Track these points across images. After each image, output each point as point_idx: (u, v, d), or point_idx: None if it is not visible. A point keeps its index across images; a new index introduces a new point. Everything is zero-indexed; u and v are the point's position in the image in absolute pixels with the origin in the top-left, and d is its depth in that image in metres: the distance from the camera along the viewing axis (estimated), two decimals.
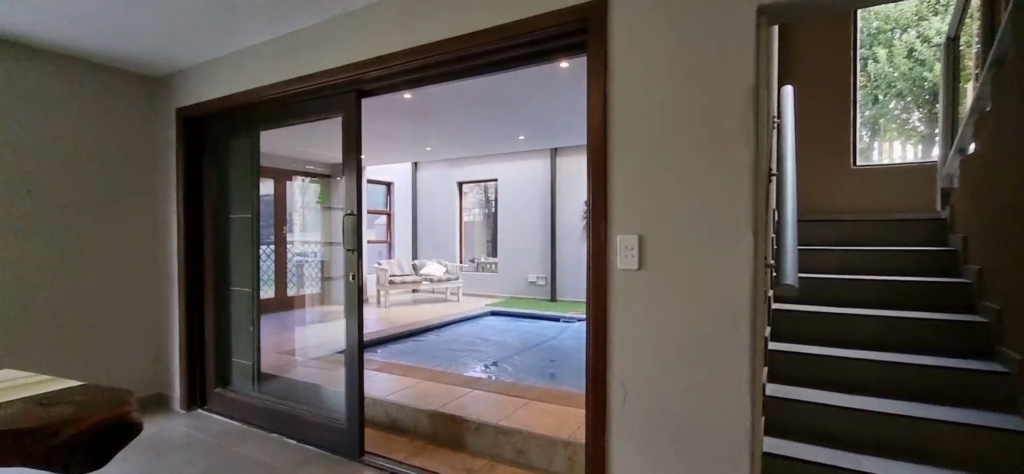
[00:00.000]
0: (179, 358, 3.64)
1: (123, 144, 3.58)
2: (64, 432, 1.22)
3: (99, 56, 3.31)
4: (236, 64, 3.25)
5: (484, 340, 6.16)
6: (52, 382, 1.57)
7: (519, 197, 9.10)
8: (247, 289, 3.52)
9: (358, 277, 2.84)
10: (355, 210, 2.82)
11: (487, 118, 6.19)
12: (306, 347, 5.44)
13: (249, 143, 3.44)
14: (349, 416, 2.93)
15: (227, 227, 3.59)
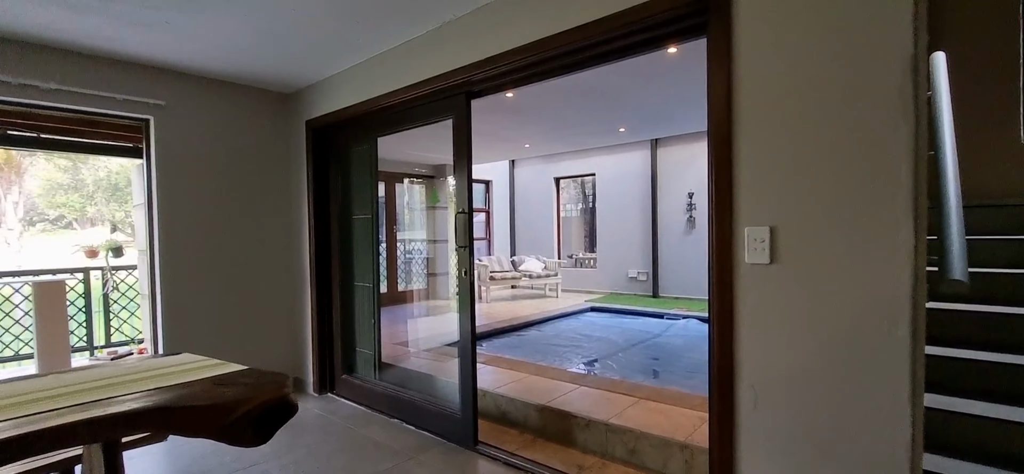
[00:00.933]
0: (311, 347, 4.02)
1: (261, 155, 4.01)
2: (238, 410, 1.39)
3: (240, 77, 3.73)
4: (355, 77, 3.50)
5: (585, 336, 6.10)
6: (222, 365, 1.80)
7: (618, 191, 8.90)
8: (368, 284, 3.79)
9: (470, 273, 2.94)
10: (467, 208, 2.92)
11: (587, 112, 6.12)
12: (418, 339, 5.75)
13: (368, 149, 3.70)
14: (463, 406, 3.04)
15: (350, 227, 3.89)
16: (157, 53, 3.18)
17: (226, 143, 3.80)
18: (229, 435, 1.41)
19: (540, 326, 6.57)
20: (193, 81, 3.61)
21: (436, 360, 4.72)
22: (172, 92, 3.50)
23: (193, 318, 3.64)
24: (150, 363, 1.83)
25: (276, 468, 2.83)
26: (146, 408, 1.32)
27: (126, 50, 3.12)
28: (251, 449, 3.06)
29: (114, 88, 3.26)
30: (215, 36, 2.95)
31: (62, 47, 3.05)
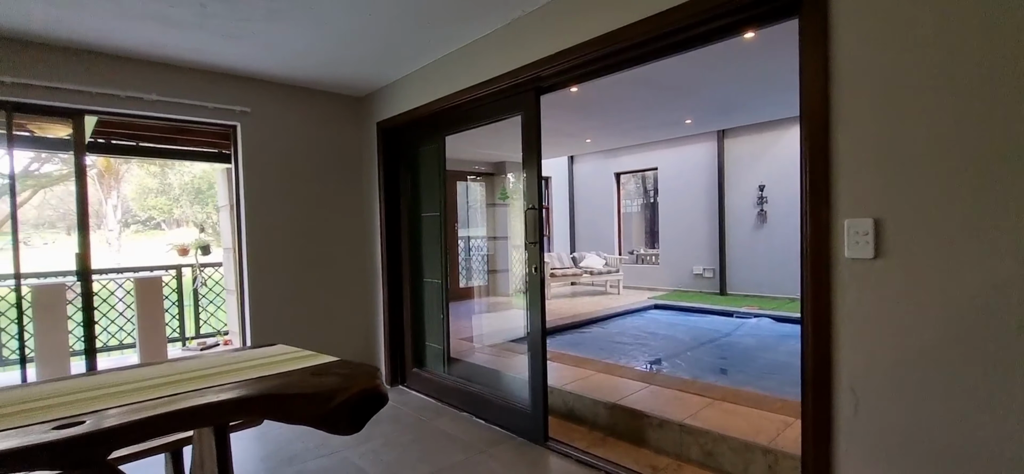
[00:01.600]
0: (384, 340, 4.16)
1: (336, 156, 4.19)
2: (336, 399, 1.45)
3: (317, 83, 3.91)
4: (424, 78, 3.58)
5: (651, 334, 5.96)
6: (315, 356, 1.89)
7: (682, 185, 8.62)
8: (437, 280, 3.87)
9: (540, 269, 2.94)
10: (536, 204, 2.92)
11: (652, 104, 5.96)
12: (482, 335, 5.82)
13: (436, 148, 3.77)
14: (533, 402, 3.05)
15: (419, 225, 3.99)
16: (244, 63, 3.39)
17: (304, 146, 3.99)
18: (327, 422, 1.47)
19: (603, 323, 6.48)
20: (275, 88, 3.82)
21: (501, 356, 4.76)
22: (256, 99, 3.72)
23: (276, 312, 3.86)
24: (250, 353, 1.95)
25: (356, 455, 2.95)
26: (256, 395, 1.40)
27: (217, 61, 3.34)
28: (335, 436, 3.21)
29: (206, 97, 3.50)
30: (296, 44, 3.11)
31: (161, 61, 3.31)
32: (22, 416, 1.31)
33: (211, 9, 2.57)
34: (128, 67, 3.22)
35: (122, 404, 1.36)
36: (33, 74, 2.92)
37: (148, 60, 3.27)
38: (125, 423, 1.21)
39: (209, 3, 2.51)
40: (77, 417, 1.25)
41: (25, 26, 2.73)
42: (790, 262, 7.34)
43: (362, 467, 2.81)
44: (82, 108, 3.14)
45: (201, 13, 2.61)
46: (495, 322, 6.78)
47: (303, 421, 1.49)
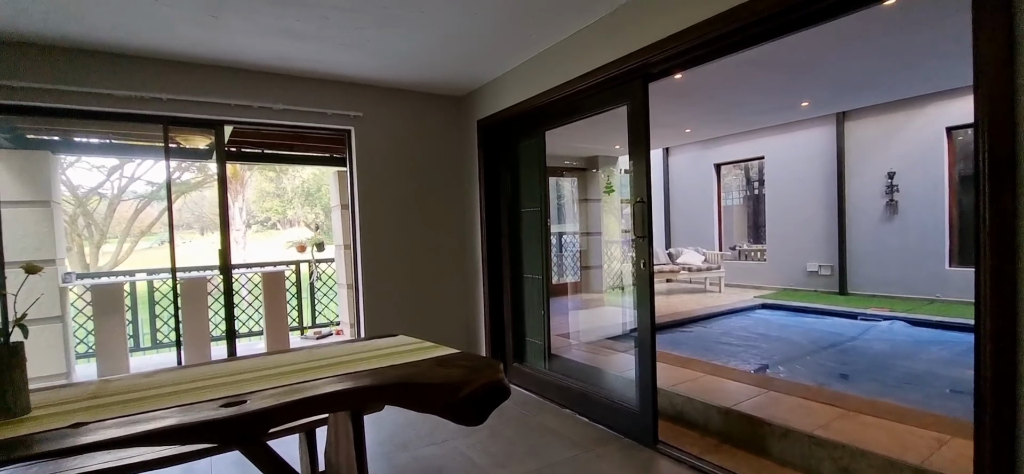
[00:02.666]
0: (484, 334, 4.24)
1: (438, 155, 4.33)
2: (463, 390, 1.47)
3: (421, 85, 4.06)
4: (524, 74, 3.58)
5: (760, 336, 5.55)
6: (436, 348, 1.94)
7: (793, 174, 7.93)
8: (537, 276, 3.87)
9: (649, 264, 2.82)
10: (645, 197, 2.80)
11: (765, 88, 5.53)
12: (578, 331, 5.76)
13: (536, 143, 3.76)
14: (642, 402, 2.94)
15: (519, 220, 4.01)
16: (357, 70, 3.59)
17: (410, 146, 4.17)
18: (453, 412, 1.50)
19: (705, 323, 6.14)
20: (384, 92, 4.02)
21: (600, 353, 4.67)
22: (368, 103, 3.94)
23: (386, 304, 4.07)
24: (374, 343, 2.05)
25: (464, 445, 3.02)
26: (391, 383, 1.46)
27: (333, 69, 3.58)
28: (441, 426, 3.32)
29: (324, 104, 3.77)
30: (404, 48, 3.24)
31: (286, 73, 3.61)
32: (191, 394, 1.47)
33: (332, 19, 2.74)
34: (259, 80, 3.54)
35: (275, 386, 1.48)
36: (183, 90, 3.31)
37: (275, 72, 3.58)
38: (281, 404, 1.31)
39: (330, 14, 2.68)
40: (238, 397, 1.38)
41: (180, 48, 3.09)
42: (928, 258, 6.49)
43: (471, 457, 2.87)
44: (222, 119, 3.50)
45: (322, 24, 2.80)
46: (590, 319, 6.68)
47: (432, 410, 1.53)
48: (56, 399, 1.45)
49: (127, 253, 14.35)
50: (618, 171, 8.91)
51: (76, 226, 13.19)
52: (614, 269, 8.94)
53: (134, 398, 1.44)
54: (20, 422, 1.28)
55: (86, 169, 13.08)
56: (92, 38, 2.90)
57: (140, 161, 13.27)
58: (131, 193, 14.41)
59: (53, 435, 1.19)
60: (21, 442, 1.17)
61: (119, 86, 3.12)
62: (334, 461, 1.87)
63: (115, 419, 1.26)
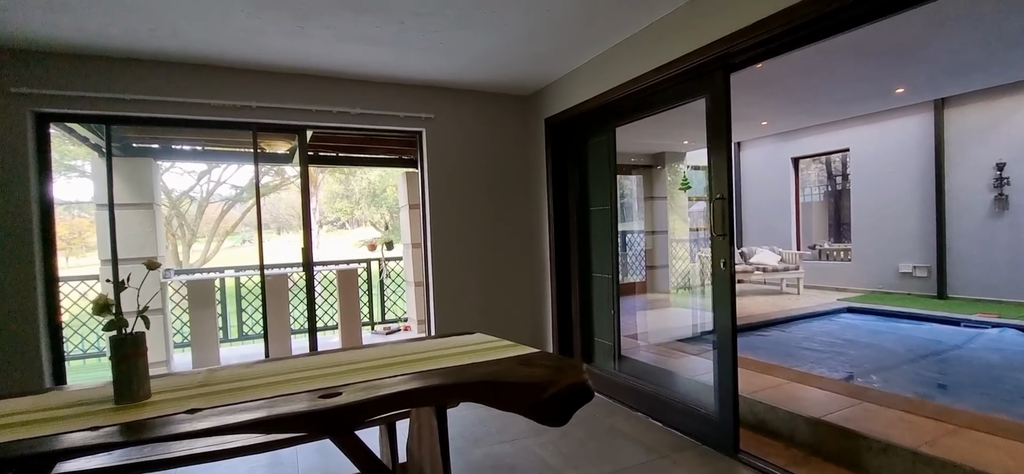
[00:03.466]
0: (552, 334, 4.21)
1: (506, 154, 4.34)
2: (549, 390, 1.45)
3: (489, 85, 4.08)
4: (593, 70, 3.52)
5: (848, 342, 5.16)
6: (514, 346, 1.94)
7: (883, 167, 7.31)
8: (606, 275, 3.80)
9: (730, 264, 2.68)
10: (725, 194, 2.67)
11: (854, 75, 5.14)
12: (646, 332, 5.61)
13: (606, 140, 3.69)
14: (721, 408, 2.81)
15: (588, 219, 3.95)
16: (428, 72, 3.67)
17: (479, 146, 4.21)
18: (538, 412, 1.49)
19: (784, 327, 5.79)
20: (453, 93, 4.09)
21: (670, 356, 4.52)
22: (439, 105, 4.02)
23: (455, 302, 4.14)
24: (453, 340, 2.08)
25: (536, 445, 3.01)
26: (476, 381, 1.46)
27: (406, 73, 3.68)
28: (511, 424, 3.32)
29: (397, 107, 3.88)
30: (476, 49, 3.27)
31: (361, 78, 3.75)
32: (289, 385, 1.54)
33: (408, 24, 2.81)
34: (337, 86, 3.70)
35: (366, 380, 1.53)
36: (270, 98, 3.51)
37: (352, 78, 3.73)
38: (375, 397, 1.35)
39: (407, 19, 2.75)
40: (334, 389, 1.43)
41: (267, 59, 3.28)
42: None
43: (543, 457, 2.85)
44: (304, 124, 3.69)
45: (399, 29, 2.87)
46: (658, 320, 6.49)
47: (516, 409, 1.52)
48: (170, 385, 1.57)
49: (214, 251, 15.53)
50: (685, 167, 8.60)
51: (171, 226, 14.42)
52: (680, 269, 8.64)
53: (239, 387, 1.53)
54: (143, 406, 1.39)
55: (178, 174, 14.26)
56: (191, 52, 3.13)
57: (226, 166, 14.38)
58: (217, 196, 15.60)
59: (173, 419, 1.28)
60: (145, 425, 1.27)
61: (214, 96, 3.36)
62: (416, 454, 1.91)
63: (226, 406, 1.35)
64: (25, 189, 3.00)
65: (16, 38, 2.82)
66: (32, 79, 2.99)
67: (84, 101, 3.11)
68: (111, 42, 2.92)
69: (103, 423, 1.26)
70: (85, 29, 2.74)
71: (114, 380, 1.39)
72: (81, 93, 3.08)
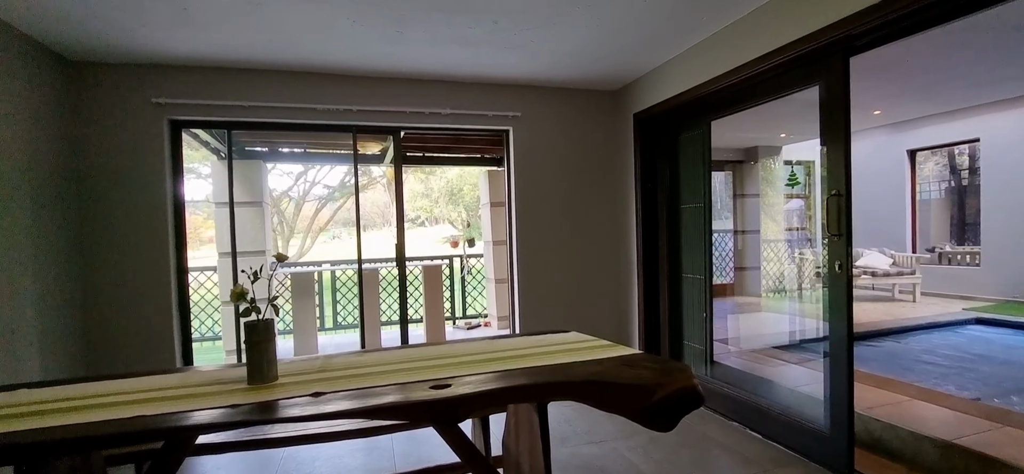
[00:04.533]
0: (638, 335, 4.10)
1: (591, 151, 4.28)
2: (657, 393, 1.39)
3: (576, 82, 4.04)
4: (688, 62, 3.37)
5: (978, 356, 4.57)
6: (612, 346, 1.89)
7: (1021, 160, 6.41)
8: (698, 276, 3.63)
9: (847, 266, 2.46)
10: (842, 190, 2.45)
11: (991, 56, 4.53)
12: (738, 337, 5.32)
13: (699, 134, 3.53)
14: (833, 424, 2.58)
15: (678, 216, 3.80)
16: (517, 71, 3.70)
17: (565, 142, 4.18)
18: (644, 416, 1.44)
19: (899, 337, 5.25)
20: (540, 91, 4.09)
21: (767, 363, 4.24)
22: (526, 103, 4.04)
23: (539, 299, 4.14)
24: (548, 338, 2.07)
25: (624, 448, 2.94)
26: (581, 380, 1.44)
27: (495, 73, 3.72)
28: (597, 425, 3.27)
29: (485, 107, 3.94)
30: (564, 46, 3.24)
31: (452, 79, 3.84)
32: (398, 375, 1.60)
33: (502, 24, 2.84)
34: (429, 88, 3.83)
35: (472, 373, 1.55)
36: (368, 102, 3.69)
37: (443, 80, 3.83)
38: (484, 391, 1.37)
39: (500, 18, 2.78)
40: (444, 381, 1.47)
41: (366, 64, 3.46)
42: None
43: (633, 461, 2.78)
44: (399, 125, 3.85)
45: (492, 29, 2.91)
46: (750, 325, 6.12)
47: (620, 410, 1.48)
48: (292, 370, 1.69)
49: (309, 246, 16.71)
50: (778, 162, 8.03)
51: (272, 223, 15.71)
52: (773, 271, 8.09)
53: (354, 374, 1.62)
54: (272, 387, 1.51)
55: (279, 175, 15.48)
56: (301, 61, 3.37)
57: (320, 167, 15.45)
58: (312, 195, 16.81)
59: (300, 401, 1.37)
60: (274, 405, 1.37)
61: (320, 100, 3.59)
62: (512, 448, 1.93)
63: (346, 391, 1.43)
64: (162, 189, 3.37)
65: (156, 54, 3.17)
66: (168, 90, 3.35)
67: (210, 109, 3.44)
68: (234, 54, 3.21)
69: (241, 401, 1.38)
70: (213, 43, 3.03)
71: (247, 363, 1.52)
72: (207, 101, 3.42)
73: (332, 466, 2.88)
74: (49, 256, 2.95)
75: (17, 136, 2.71)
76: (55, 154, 3.02)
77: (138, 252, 3.33)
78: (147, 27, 2.78)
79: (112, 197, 3.28)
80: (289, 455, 2.99)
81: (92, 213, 3.26)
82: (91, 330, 3.27)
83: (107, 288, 3.29)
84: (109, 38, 2.89)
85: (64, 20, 2.64)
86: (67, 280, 3.11)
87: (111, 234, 3.29)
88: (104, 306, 3.28)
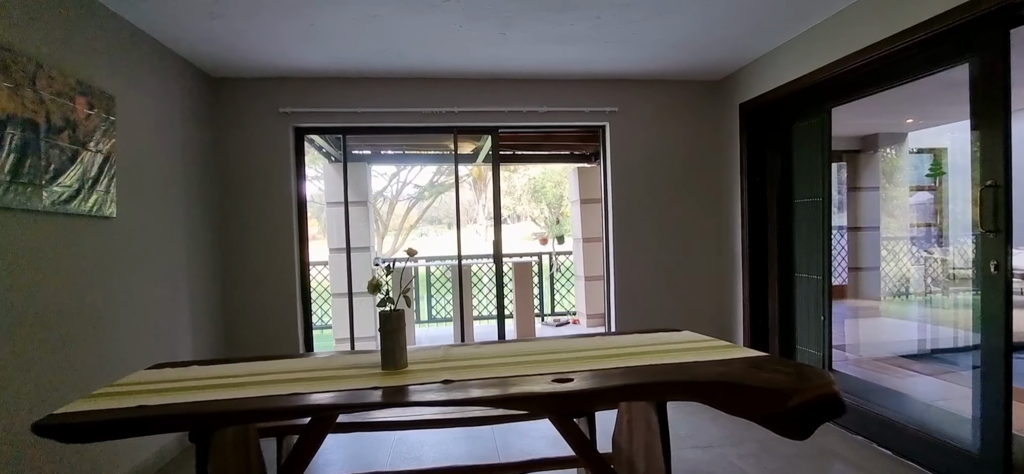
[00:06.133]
0: (743, 337, 3.88)
1: (691, 144, 4.11)
2: (793, 399, 1.32)
3: (676, 74, 3.90)
4: (805, 45, 3.14)
5: None
6: (732, 348, 1.81)
7: None
8: (815, 276, 3.37)
9: (1007, 267, 2.17)
10: (1000, 180, 2.16)
11: None
12: (856, 344, 4.87)
13: (818, 123, 3.27)
14: (985, 445, 2.29)
15: (791, 212, 3.55)
16: (616, 65, 3.64)
17: (664, 136, 4.06)
18: (777, 422, 1.36)
19: None
20: (639, 84, 4.00)
21: (891, 373, 3.86)
22: (623, 97, 3.97)
23: (636, 297, 4.05)
24: (661, 337, 2.03)
25: (734, 455, 2.81)
26: (707, 380, 1.40)
27: (592, 68, 3.70)
28: (701, 429, 3.15)
29: (581, 103, 3.93)
30: (667, 37, 3.14)
31: (549, 77, 3.87)
32: (519, 366, 1.64)
33: (605, 18, 2.82)
34: (527, 86, 3.88)
35: (591, 369, 1.56)
36: (469, 103, 3.82)
37: (540, 78, 3.87)
38: (606, 387, 1.37)
39: (603, 13, 2.75)
40: (566, 374, 1.49)
41: (468, 67, 3.58)
42: None
43: (744, 470, 2.65)
44: (497, 125, 3.95)
45: (595, 24, 2.89)
46: (870, 331, 5.58)
47: (748, 414, 1.42)
48: (418, 358, 1.79)
49: (401, 243, 17.60)
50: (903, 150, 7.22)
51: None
52: (893, 272, 7.30)
53: (476, 365, 1.69)
54: (404, 373, 1.61)
55: (374, 176, 16.48)
56: (407, 68, 3.56)
57: (410, 168, 16.23)
58: (404, 195, 17.70)
59: (433, 387, 1.46)
60: (409, 390, 1.47)
61: (423, 104, 3.78)
62: (624, 447, 1.91)
63: (474, 381, 1.50)
64: (288, 190, 3.71)
65: (283, 68, 3.49)
66: (293, 100, 3.68)
67: (327, 115, 3.74)
68: (348, 64, 3.46)
69: (380, 384, 1.49)
70: (331, 55, 3.28)
71: (381, 349, 1.64)
72: (325, 109, 3.71)
73: (438, 451, 3.02)
74: (197, 248, 3.36)
75: (174, 142, 3.11)
76: (201, 158, 3.43)
77: (267, 247, 3.70)
78: (277, 44, 3.07)
79: (246, 197, 3.67)
80: (400, 438, 3.18)
81: (230, 211, 3.66)
82: (229, 315, 3.68)
83: (242, 278, 3.69)
84: (245, 55, 3.23)
85: (210, 41, 2.99)
86: (211, 270, 3.53)
87: (245, 230, 3.68)
88: (239, 294, 3.68)
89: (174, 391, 1.52)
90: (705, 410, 3.42)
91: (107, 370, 2.44)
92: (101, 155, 2.44)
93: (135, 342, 2.68)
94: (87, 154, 2.35)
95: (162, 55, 3.01)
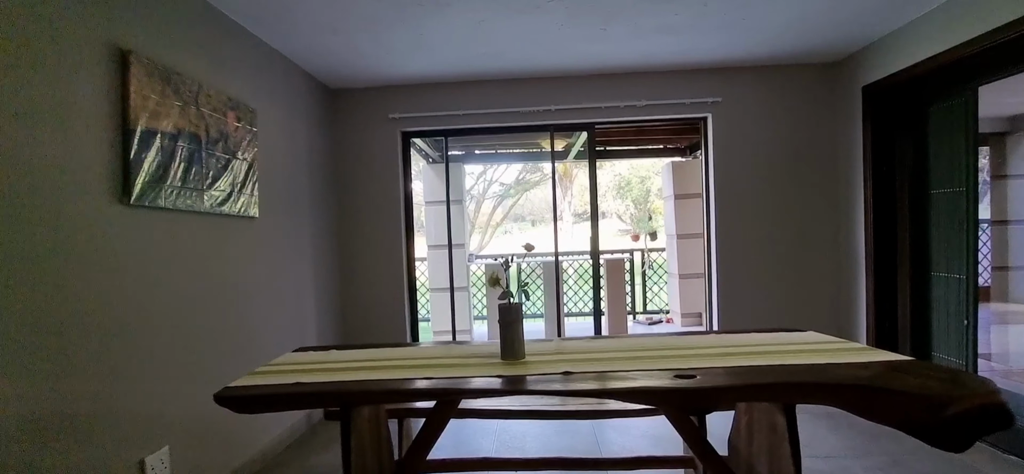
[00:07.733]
0: (866, 343, 3.56)
1: (803, 131, 3.82)
2: (951, 408, 1.21)
3: (784, 58, 3.65)
4: (942, 17, 2.82)
5: None
6: (869, 350, 1.69)
7: None
8: (956, 275, 3.02)
9: None
10: None
11: None
12: (1005, 353, 4.28)
13: (960, 104, 2.93)
14: None
15: (926, 204, 3.21)
16: (719, 53, 3.49)
17: (772, 125, 3.82)
18: (930, 432, 1.25)
19: None
20: (744, 72, 3.80)
21: None
22: (727, 87, 3.80)
23: (740, 296, 3.86)
24: (786, 336, 1.93)
25: (858, 468, 2.60)
26: (850, 383, 1.32)
27: (694, 58, 3.57)
28: (818, 438, 2.95)
29: (682, 95, 3.81)
30: (779, 18, 2.96)
31: (647, 70, 3.79)
32: (636, 361, 1.65)
33: (711, 6, 2.72)
34: (624, 80, 3.83)
35: (710, 365, 1.53)
36: (565, 100, 3.85)
37: (638, 71, 3.81)
38: (733, 384, 1.34)
39: (710, 1, 2.66)
40: (688, 371, 1.48)
41: (564, 64, 3.61)
42: None
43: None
44: (594, 121, 3.94)
45: (700, 12, 2.80)
46: (1021, 339, 4.86)
47: (893, 421, 1.32)
48: (532, 351, 1.85)
49: (488, 240, 18.05)
50: None
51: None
52: None
53: (590, 358, 1.71)
54: (524, 363, 1.68)
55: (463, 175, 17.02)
56: (505, 69, 3.66)
57: (496, 167, 16.60)
58: (490, 193, 18.15)
59: (553, 377, 1.51)
60: (529, 379, 1.53)
61: (522, 104, 3.86)
62: (742, 450, 1.85)
63: (591, 373, 1.53)
64: (396, 190, 3.97)
65: (392, 76, 3.74)
66: (400, 106, 3.92)
67: (430, 119, 3.94)
68: (451, 69, 3.63)
69: (503, 373, 1.57)
70: (436, 62, 3.45)
71: (501, 340, 1.72)
72: (428, 113, 3.91)
73: (540, 443, 3.09)
74: (319, 244, 3.69)
75: (300, 149, 3.45)
76: (322, 163, 3.77)
77: (379, 242, 3.98)
78: (389, 54, 3.29)
79: (360, 198, 3.97)
80: (503, 428, 3.29)
81: (346, 210, 3.99)
82: (346, 305, 4.01)
83: (356, 271, 4.00)
84: (359, 66, 3.49)
85: (330, 54, 3.27)
86: (330, 264, 3.86)
87: (359, 227, 3.99)
88: (354, 285, 4.00)
89: (320, 372, 1.70)
90: (823, 417, 3.19)
91: (252, 345, 2.79)
92: (246, 163, 2.76)
93: (272, 325, 3.02)
94: (236, 162, 2.67)
95: (291, 71, 3.35)
